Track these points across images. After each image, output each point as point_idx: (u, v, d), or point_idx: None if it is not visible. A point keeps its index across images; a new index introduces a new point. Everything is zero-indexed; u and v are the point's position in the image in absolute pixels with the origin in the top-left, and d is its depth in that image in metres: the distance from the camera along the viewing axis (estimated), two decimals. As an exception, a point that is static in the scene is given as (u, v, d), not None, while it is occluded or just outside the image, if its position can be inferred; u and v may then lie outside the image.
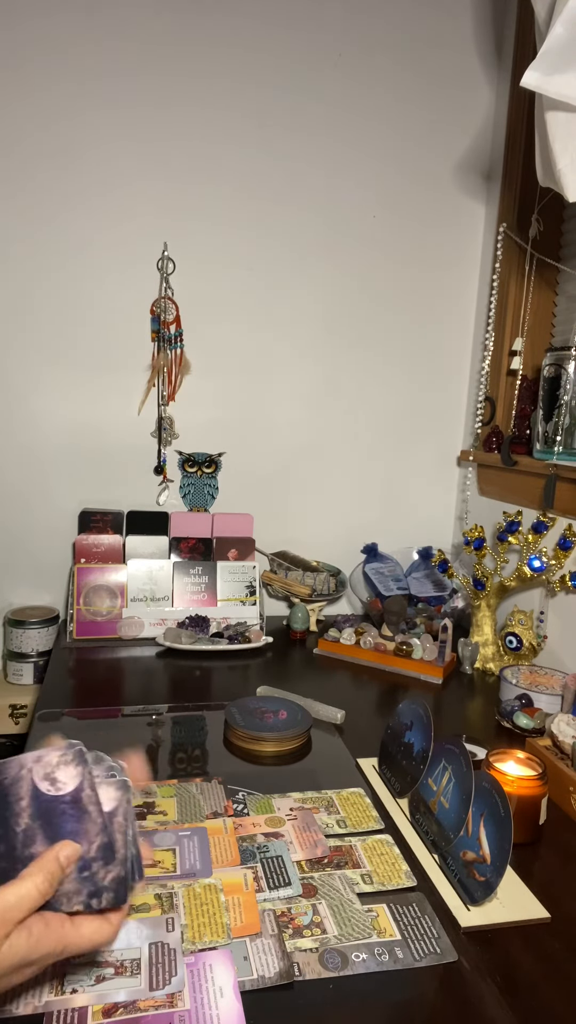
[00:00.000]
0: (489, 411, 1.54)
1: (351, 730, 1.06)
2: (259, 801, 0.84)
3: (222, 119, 1.43)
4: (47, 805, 0.48)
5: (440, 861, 0.75)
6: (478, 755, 0.93)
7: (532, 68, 0.90)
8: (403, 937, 0.64)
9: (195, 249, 1.46)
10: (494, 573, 1.33)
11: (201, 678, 1.24)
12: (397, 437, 1.66)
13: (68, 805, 0.48)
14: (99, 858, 0.48)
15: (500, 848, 0.67)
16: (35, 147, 1.36)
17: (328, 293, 1.55)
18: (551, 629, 1.31)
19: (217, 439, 1.55)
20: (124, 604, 1.40)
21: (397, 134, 1.52)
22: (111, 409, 1.49)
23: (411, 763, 0.85)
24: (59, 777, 0.49)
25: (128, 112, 1.38)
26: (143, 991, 0.56)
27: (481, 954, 0.63)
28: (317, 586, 1.52)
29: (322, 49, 1.45)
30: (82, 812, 0.48)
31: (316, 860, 0.74)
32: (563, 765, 0.89)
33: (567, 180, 0.98)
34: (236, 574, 1.48)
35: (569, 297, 1.44)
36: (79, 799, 0.49)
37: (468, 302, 1.63)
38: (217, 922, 0.64)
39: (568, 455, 1.27)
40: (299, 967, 0.60)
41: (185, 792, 0.85)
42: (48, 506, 1.49)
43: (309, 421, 1.60)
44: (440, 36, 1.50)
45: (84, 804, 0.49)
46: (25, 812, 0.48)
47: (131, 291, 1.45)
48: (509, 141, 1.48)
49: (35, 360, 1.43)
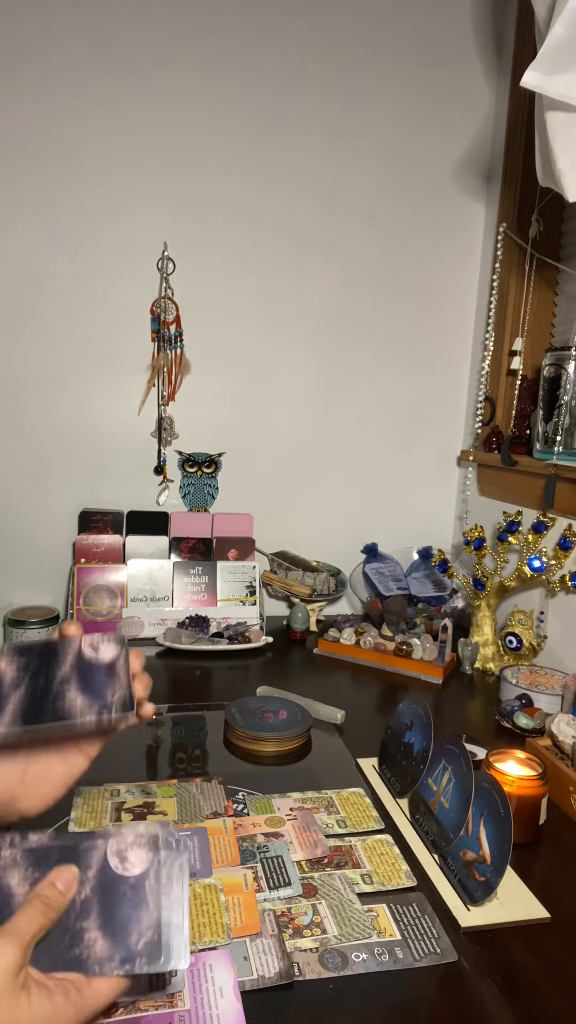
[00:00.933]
0: (489, 411, 1.54)
1: (351, 730, 1.06)
2: (259, 801, 0.84)
3: (222, 120, 1.43)
4: (110, 882, 0.49)
5: (440, 861, 0.75)
6: (478, 755, 0.93)
7: (532, 68, 0.90)
8: (403, 937, 0.64)
9: (195, 249, 1.46)
10: (494, 573, 1.33)
11: (201, 678, 1.24)
12: (397, 437, 1.66)
13: (130, 889, 0.48)
14: (144, 955, 0.47)
15: (500, 848, 0.67)
16: (34, 145, 1.35)
17: (328, 293, 1.55)
18: (551, 629, 1.31)
19: (217, 439, 1.55)
20: (124, 604, 1.40)
21: (397, 134, 1.52)
22: (111, 409, 1.49)
23: (411, 763, 0.85)
24: (130, 857, 0.49)
25: (128, 109, 1.38)
26: (143, 991, 0.56)
27: (481, 954, 0.63)
28: (317, 586, 1.52)
29: (323, 50, 1.45)
30: (141, 900, 0.48)
31: (316, 860, 0.74)
32: (563, 765, 0.89)
33: (567, 180, 0.98)
34: (236, 574, 1.48)
35: (569, 297, 1.44)
36: (141, 886, 0.48)
37: (468, 302, 1.63)
38: (217, 922, 0.64)
39: (568, 455, 1.27)
40: (299, 967, 0.60)
41: (185, 792, 0.85)
42: (48, 506, 1.49)
43: (309, 421, 1.60)
44: (440, 36, 1.50)
45: (145, 893, 0.48)
46: (88, 883, 0.48)
47: (131, 291, 1.45)
48: (509, 141, 1.48)
49: (35, 360, 1.43)
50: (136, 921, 0.48)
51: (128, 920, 0.48)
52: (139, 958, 0.47)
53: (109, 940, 0.47)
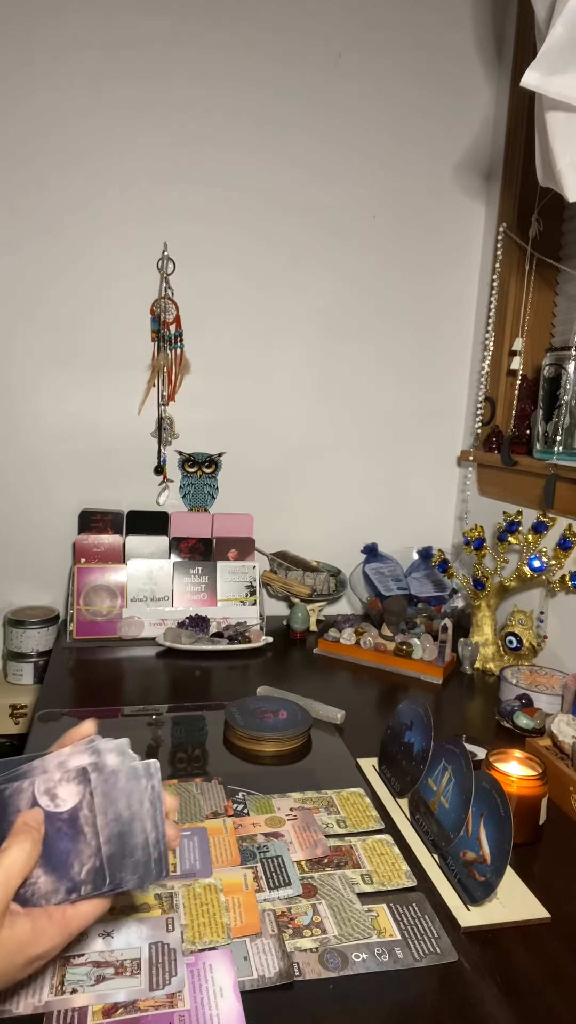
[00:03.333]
0: (489, 411, 1.53)
1: (351, 730, 1.06)
2: (259, 801, 0.84)
3: (223, 120, 1.43)
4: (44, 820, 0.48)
5: (440, 861, 0.75)
6: (478, 755, 0.93)
7: (532, 68, 0.90)
8: (403, 937, 0.64)
9: (195, 249, 1.46)
10: (494, 573, 1.33)
11: (201, 678, 1.24)
12: (397, 437, 1.66)
13: (64, 823, 0.48)
14: (88, 882, 0.48)
15: (500, 848, 0.67)
16: (36, 147, 1.35)
17: (328, 293, 1.55)
18: (551, 629, 1.31)
19: (217, 439, 1.55)
20: (124, 604, 1.40)
21: (397, 134, 1.52)
22: (111, 409, 1.49)
23: (411, 763, 0.85)
24: (59, 793, 0.49)
25: (129, 113, 1.38)
26: (143, 991, 0.56)
27: (481, 954, 0.63)
28: (317, 586, 1.52)
29: (323, 50, 1.45)
30: (77, 832, 0.48)
31: (316, 860, 0.74)
32: (563, 765, 0.89)
33: (567, 180, 0.98)
34: (236, 574, 1.48)
35: (569, 297, 1.44)
36: (76, 818, 0.48)
37: (468, 302, 1.63)
38: (217, 922, 0.64)
39: (568, 455, 1.27)
40: (299, 967, 0.60)
41: (185, 792, 0.85)
42: (48, 506, 1.49)
43: (309, 421, 1.60)
44: (440, 36, 1.50)
45: (80, 824, 0.48)
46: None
47: (131, 291, 1.45)
48: (509, 141, 1.48)
49: (35, 360, 1.43)
50: (76, 853, 0.48)
51: (67, 853, 0.48)
52: (84, 886, 0.47)
53: (52, 875, 0.47)
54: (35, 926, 0.45)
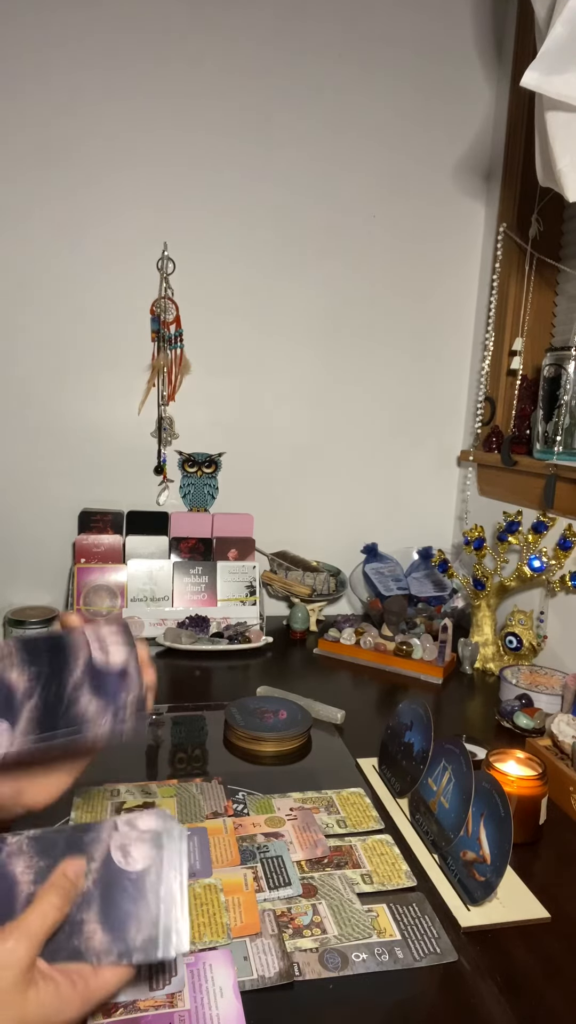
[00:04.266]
0: (489, 411, 1.53)
1: (351, 730, 1.06)
2: (259, 801, 0.84)
3: (222, 119, 1.43)
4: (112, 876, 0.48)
5: (440, 861, 0.75)
6: (478, 755, 0.93)
7: (532, 68, 0.90)
8: (403, 937, 0.64)
9: (195, 249, 1.46)
10: (494, 573, 1.33)
11: (201, 678, 1.24)
12: (397, 437, 1.66)
13: (131, 883, 0.48)
14: (141, 951, 0.47)
15: (500, 848, 0.67)
16: (33, 144, 1.35)
17: (328, 293, 1.55)
18: (551, 629, 1.31)
19: (217, 439, 1.55)
20: (124, 604, 1.40)
21: (397, 134, 1.52)
22: (111, 409, 1.49)
23: (411, 763, 0.85)
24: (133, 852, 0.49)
25: (127, 108, 1.38)
26: (143, 991, 0.56)
27: (481, 954, 0.63)
28: (317, 586, 1.52)
29: (323, 48, 1.45)
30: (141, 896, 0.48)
31: (316, 860, 0.74)
32: (563, 765, 0.89)
33: (567, 180, 0.98)
34: (236, 574, 1.48)
35: (569, 297, 1.44)
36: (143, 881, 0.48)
37: (468, 302, 1.63)
38: (217, 922, 0.64)
39: (568, 455, 1.27)
40: (299, 967, 0.60)
41: (185, 792, 0.85)
42: (48, 506, 1.49)
43: (309, 421, 1.60)
44: (440, 36, 1.50)
45: (146, 889, 0.48)
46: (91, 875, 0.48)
47: (131, 291, 1.45)
48: (509, 141, 1.48)
49: (35, 360, 1.43)
50: (135, 916, 0.48)
51: (128, 915, 0.48)
52: (136, 952, 0.47)
53: (108, 933, 0.47)
54: (59, 993, 0.44)
